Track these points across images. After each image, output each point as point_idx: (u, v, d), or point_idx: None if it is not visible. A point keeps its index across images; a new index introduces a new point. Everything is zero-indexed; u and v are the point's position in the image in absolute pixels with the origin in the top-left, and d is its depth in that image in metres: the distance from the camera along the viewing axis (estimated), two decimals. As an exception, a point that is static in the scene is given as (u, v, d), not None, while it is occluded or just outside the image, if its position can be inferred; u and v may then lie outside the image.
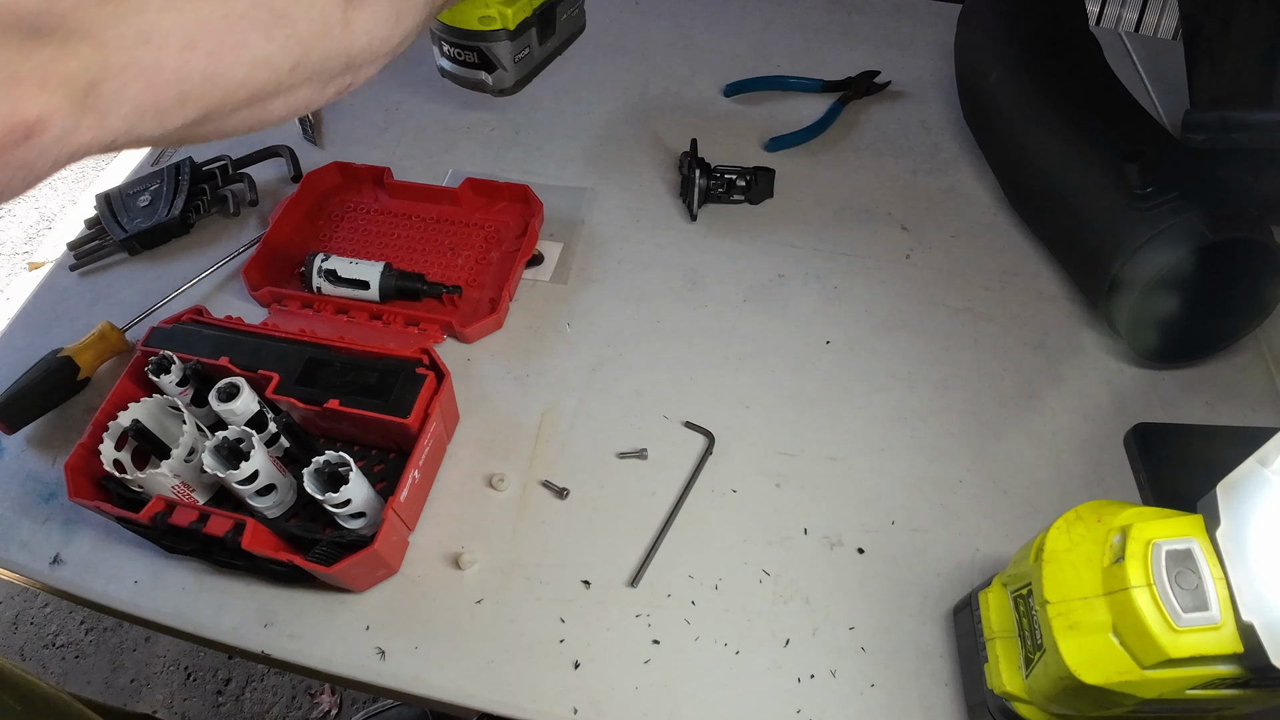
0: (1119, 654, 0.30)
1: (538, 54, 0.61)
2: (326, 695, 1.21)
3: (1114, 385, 0.55)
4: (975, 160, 0.70)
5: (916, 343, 0.57)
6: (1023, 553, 0.37)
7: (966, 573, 0.46)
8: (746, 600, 0.45)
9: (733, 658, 0.43)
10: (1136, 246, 0.50)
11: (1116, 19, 1.16)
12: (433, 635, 0.44)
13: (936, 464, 0.51)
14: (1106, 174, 0.54)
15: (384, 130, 0.73)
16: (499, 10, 0.55)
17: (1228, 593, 0.28)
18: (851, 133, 0.73)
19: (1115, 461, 0.51)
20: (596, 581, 0.46)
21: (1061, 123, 0.58)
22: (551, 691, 0.42)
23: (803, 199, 0.67)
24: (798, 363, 0.56)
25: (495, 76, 0.60)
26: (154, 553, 0.48)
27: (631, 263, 0.62)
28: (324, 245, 0.64)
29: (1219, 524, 0.29)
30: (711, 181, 0.64)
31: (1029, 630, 0.35)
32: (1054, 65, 0.62)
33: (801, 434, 0.52)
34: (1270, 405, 0.54)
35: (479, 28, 0.56)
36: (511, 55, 0.59)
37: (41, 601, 1.33)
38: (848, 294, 0.60)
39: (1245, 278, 0.51)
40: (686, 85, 0.77)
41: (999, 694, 0.37)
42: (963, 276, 0.61)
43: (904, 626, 0.44)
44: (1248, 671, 0.29)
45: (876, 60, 0.78)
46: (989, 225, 0.65)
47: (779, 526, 0.48)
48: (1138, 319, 0.52)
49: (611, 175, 0.69)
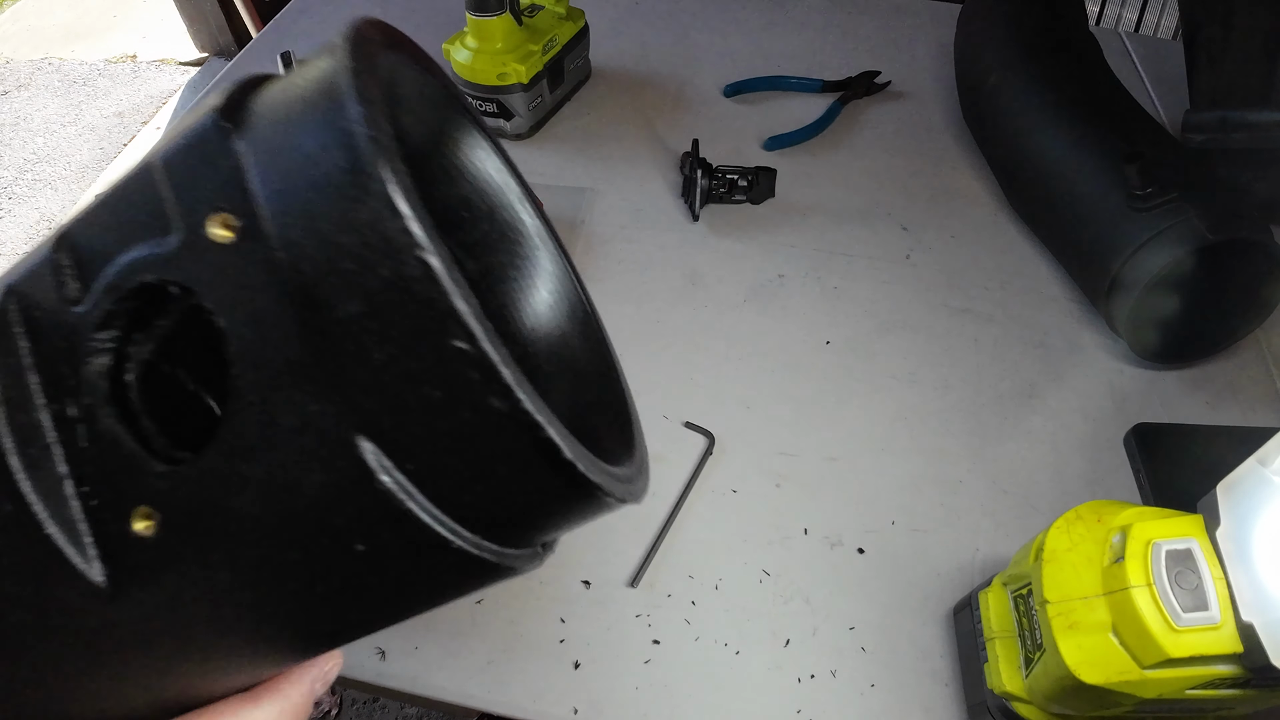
0: (1119, 654, 0.30)
1: (549, 101, 0.73)
2: (326, 695, 1.21)
3: (1114, 385, 0.55)
4: (975, 160, 0.70)
5: (916, 343, 0.57)
6: (1023, 553, 0.37)
7: (966, 573, 0.46)
8: (746, 600, 0.45)
9: (733, 658, 0.44)
10: (1136, 247, 0.50)
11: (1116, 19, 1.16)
12: (433, 635, 0.44)
13: (936, 464, 0.51)
14: (1106, 174, 0.54)
15: (384, 130, 0.74)
16: (514, 68, 0.67)
17: (1227, 593, 0.28)
18: (851, 133, 0.73)
19: (1115, 461, 0.51)
20: (596, 581, 0.46)
21: (1061, 123, 0.58)
22: (551, 691, 0.42)
23: (803, 199, 0.67)
24: (798, 363, 0.56)
25: (513, 124, 0.71)
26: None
27: (632, 263, 0.62)
28: (324, 245, 0.64)
29: (1219, 524, 0.29)
30: (713, 182, 0.64)
31: (1029, 630, 0.35)
32: (1054, 65, 0.62)
33: (801, 434, 0.52)
34: (1270, 405, 0.54)
35: (497, 83, 0.68)
36: (526, 105, 0.70)
37: (42, 601, 1.33)
38: (848, 294, 0.60)
39: (1245, 278, 0.51)
40: (686, 85, 0.77)
41: (999, 694, 0.37)
42: (963, 276, 0.61)
43: (904, 626, 0.44)
44: (1247, 671, 0.29)
45: (876, 60, 0.78)
46: (989, 225, 0.65)
47: (779, 526, 0.48)
48: (1138, 319, 0.52)
49: (611, 175, 0.69)
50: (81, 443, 0.15)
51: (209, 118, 0.14)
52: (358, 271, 0.13)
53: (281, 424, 0.14)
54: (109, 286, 0.15)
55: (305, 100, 0.14)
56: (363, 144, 0.13)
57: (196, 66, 2.34)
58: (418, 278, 0.13)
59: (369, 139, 0.13)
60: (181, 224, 0.14)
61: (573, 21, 0.71)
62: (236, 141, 0.14)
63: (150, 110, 2.22)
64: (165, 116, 2.18)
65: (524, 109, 0.70)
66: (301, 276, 0.13)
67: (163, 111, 2.21)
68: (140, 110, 2.22)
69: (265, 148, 0.14)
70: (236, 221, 0.14)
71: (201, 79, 2.27)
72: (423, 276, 0.13)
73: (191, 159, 0.14)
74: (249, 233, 0.13)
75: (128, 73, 2.34)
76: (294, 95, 0.14)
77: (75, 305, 0.15)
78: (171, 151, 0.15)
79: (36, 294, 0.15)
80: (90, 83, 2.30)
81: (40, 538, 0.15)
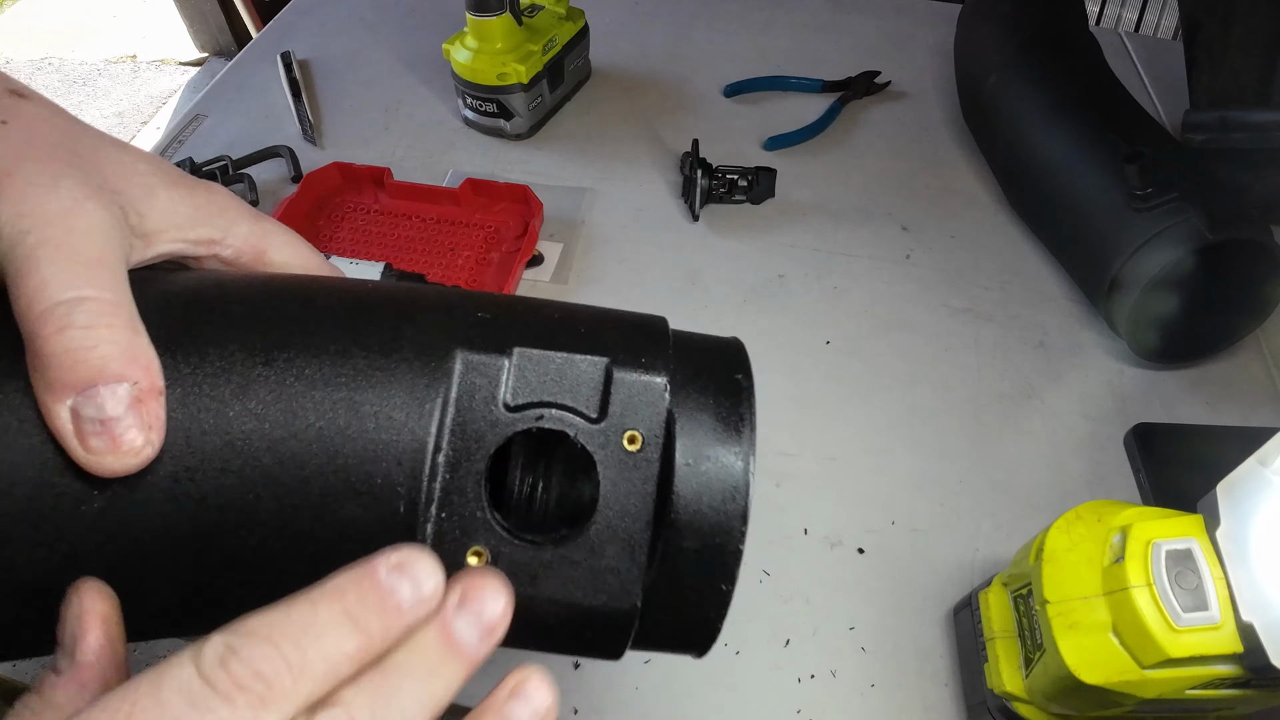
0: (1119, 654, 0.30)
1: (549, 101, 0.73)
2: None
3: (1114, 385, 0.55)
4: (975, 160, 0.70)
5: (916, 343, 0.57)
6: (1023, 553, 0.37)
7: (966, 573, 0.46)
8: (746, 600, 0.45)
9: (733, 658, 0.43)
10: (1136, 247, 0.50)
11: (1116, 19, 1.16)
12: (433, 635, 0.44)
13: (936, 464, 0.51)
14: (1106, 174, 0.54)
15: (384, 130, 0.74)
16: (513, 68, 0.66)
17: (1228, 593, 0.28)
18: (851, 133, 0.73)
19: (1115, 461, 0.51)
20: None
21: (1061, 123, 0.58)
22: (552, 691, 0.42)
23: (803, 199, 0.67)
24: (798, 363, 0.56)
25: (513, 124, 0.71)
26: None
27: (631, 263, 0.62)
28: (324, 246, 0.64)
29: (1219, 524, 0.29)
30: (713, 182, 0.64)
31: (1029, 630, 0.35)
32: (1054, 65, 0.62)
33: (801, 434, 0.52)
34: (1270, 405, 0.54)
35: (497, 83, 0.67)
36: (526, 105, 0.70)
37: (42, 601, 1.33)
38: (848, 294, 0.60)
39: (1245, 278, 0.51)
40: (686, 85, 0.77)
41: (999, 694, 0.37)
42: (963, 276, 0.61)
43: (904, 626, 0.44)
44: (1247, 671, 0.29)
45: (876, 60, 0.78)
46: (989, 225, 0.65)
47: (779, 526, 0.48)
48: (1138, 319, 0.52)
49: (611, 175, 0.69)
50: (455, 486, 0.20)
51: (663, 383, 0.22)
52: (702, 528, 0.21)
53: (602, 562, 0.21)
54: (536, 414, 0.21)
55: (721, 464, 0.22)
56: (744, 503, 0.22)
57: (196, 66, 2.34)
58: (734, 553, 0.22)
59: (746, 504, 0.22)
60: (611, 424, 0.21)
61: (573, 21, 0.71)
62: (674, 403, 0.22)
63: (150, 110, 2.22)
64: (165, 116, 2.18)
65: (524, 109, 0.70)
66: (666, 501, 0.21)
67: (163, 111, 2.21)
68: (140, 110, 2.22)
69: (688, 417, 0.22)
70: (640, 439, 0.21)
71: (201, 79, 2.27)
72: (735, 551, 0.22)
73: (635, 391, 0.21)
74: (649, 447, 0.21)
75: (128, 73, 2.34)
76: (711, 436, 0.22)
77: (507, 409, 0.21)
78: (627, 365, 0.22)
79: (480, 376, 0.21)
80: (90, 83, 2.31)
81: (401, 524, 0.20)
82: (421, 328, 0.22)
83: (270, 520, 0.20)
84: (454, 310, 0.22)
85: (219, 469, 0.20)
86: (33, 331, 0.18)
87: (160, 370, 0.19)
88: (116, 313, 0.19)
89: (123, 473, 0.19)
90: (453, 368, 0.21)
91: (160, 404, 0.19)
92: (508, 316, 0.22)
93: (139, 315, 0.20)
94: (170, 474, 0.19)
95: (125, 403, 0.18)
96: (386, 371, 0.21)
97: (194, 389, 0.20)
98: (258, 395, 0.20)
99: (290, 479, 0.20)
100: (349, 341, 0.21)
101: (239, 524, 0.20)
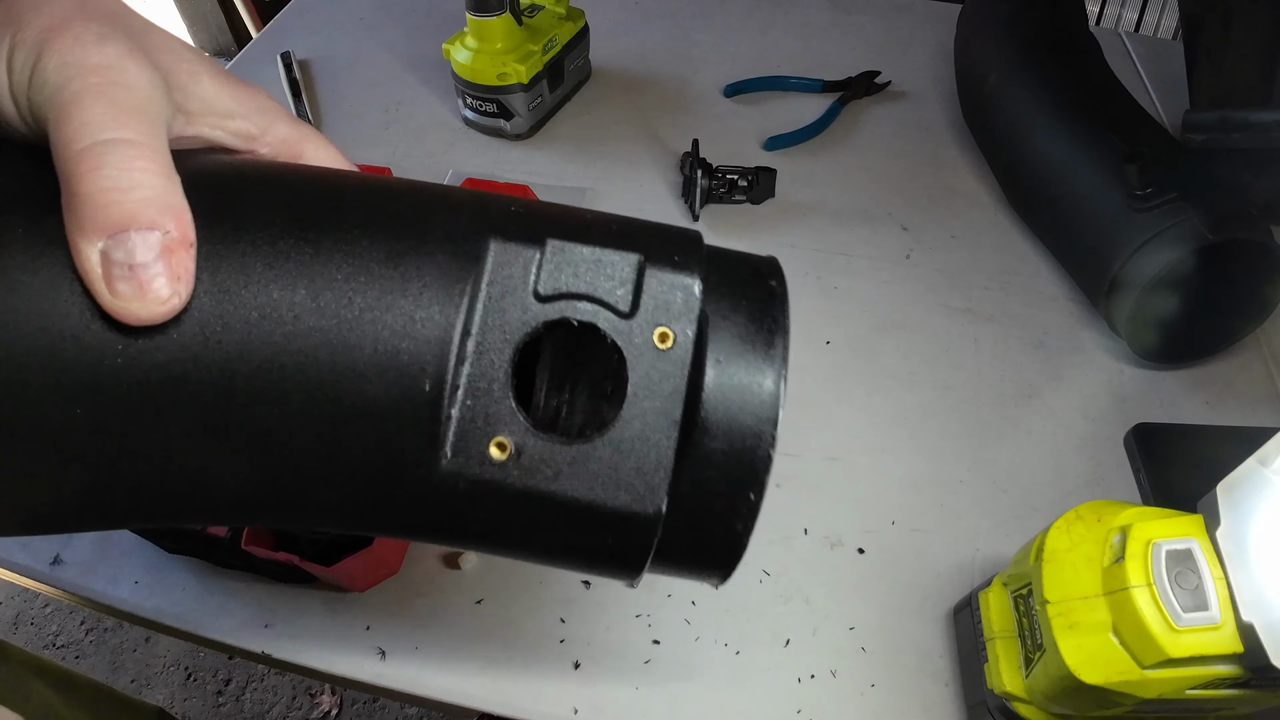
0: (1119, 654, 0.30)
1: (549, 101, 0.73)
2: (327, 695, 1.22)
3: (1114, 385, 0.55)
4: (975, 160, 0.70)
5: (916, 343, 0.57)
6: (1023, 553, 0.37)
7: (966, 573, 0.46)
8: (746, 600, 0.45)
9: (733, 658, 0.44)
10: (1136, 247, 0.50)
11: (1116, 19, 1.16)
12: (433, 635, 0.44)
13: (936, 464, 0.51)
14: (1106, 174, 0.54)
15: (384, 130, 0.74)
16: (513, 68, 0.67)
17: (1228, 593, 0.28)
18: (851, 133, 0.73)
19: (1115, 461, 0.51)
20: (596, 581, 0.46)
21: (1061, 123, 0.58)
22: (551, 692, 0.42)
23: (803, 199, 0.67)
24: (798, 363, 0.56)
25: (513, 123, 0.71)
26: (154, 553, 0.48)
27: (631, 263, 0.62)
28: (324, 245, 0.64)
29: (1219, 524, 0.29)
30: (713, 182, 0.64)
31: (1029, 630, 0.35)
32: (1054, 66, 0.62)
33: (801, 434, 0.52)
34: (1270, 405, 0.54)
35: (497, 83, 0.68)
36: (526, 105, 0.70)
37: (42, 602, 1.33)
38: (848, 294, 0.60)
39: (1245, 278, 0.51)
40: (686, 85, 0.77)
41: (999, 694, 0.37)
42: (963, 276, 0.61)
43: (904, 626, 0.44)
44: (1248, 671, 0.29)
45: (876, 60, 0.78)
46: (989, 225, 0.65)
47: (779, 526, 0.48)
48: (1138, 319, 0.52)
49: (612, 175, 0.69)
50: (481, 372, 0.20)
51: (696, 282, 0.21)
52: (732, 431, 0.21)
53: (627, 461, 0.20)
54: (566, 306, 0.20)
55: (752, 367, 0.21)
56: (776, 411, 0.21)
57: (196, 66, 2.34)
58: (764, 458, 0.21)
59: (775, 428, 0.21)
60: (641, 319, 0.20)
61: (573, 21, 0.72)
62: (706, 304, 0.21)
63: (150, 110, 2.22)
64: (165, 116, 2.18)
65: (524, 109, 0.70)
66: (696, 402, 0.20)
67: (163, 111, 2.20)
68: (140, 110, 2.21)
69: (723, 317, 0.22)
70: (671, 337, 0.20)
71: (201, 79, 2.27)
72: (765, 456, 0.21)
73: (667, 289, 0.21)
74: (680, 346, 0.20)
75: (128, 73, 2.34)
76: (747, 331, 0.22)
77: (537, 299, 0.20)
78: (659, 264, 0.21)
79: (511, 266, 0.20)
80: (90, 83, 2.30)
81: (425, 405, 0.20)
82: (456, 217, 0.21)
83: (294, 391, 0.20)
84: (488, 203, 0.22)
85: (244, 335, 0.19)
86: (69, 171, 0.18)
87: (192, 223, 0.19)
88: (154, 158, 0.19)
89: (148, 321, 0.18)
90: (484, 255, 0.21)
91: (190, 256, 0.19)
92: (540, 212, 0.22)
93: (175, 168, 0.20)
94: (196, 334, 0.19)
95: (155, 251, 0.18)
96: (418, 254, 0.21)
97: (226, 254, 0.20)
98: (288, 268, 0.20)
99: (317, 351, 0.20)
100: (383, 225, 0.21)
101: (262, 390, 0.20)
